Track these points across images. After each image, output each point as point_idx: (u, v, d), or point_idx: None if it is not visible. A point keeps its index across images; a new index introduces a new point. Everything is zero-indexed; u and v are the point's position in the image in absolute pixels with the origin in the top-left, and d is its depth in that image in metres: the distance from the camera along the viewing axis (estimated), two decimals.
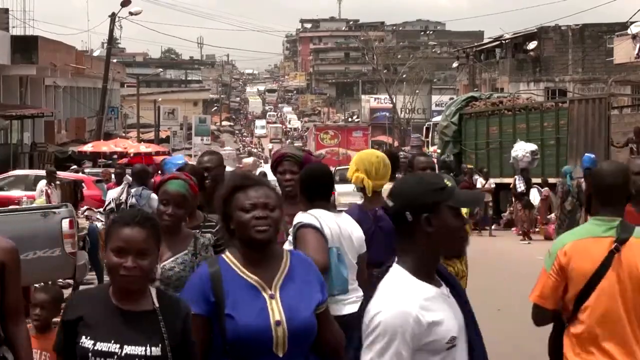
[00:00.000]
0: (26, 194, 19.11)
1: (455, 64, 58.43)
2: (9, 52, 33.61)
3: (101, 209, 14.07)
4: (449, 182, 2.94)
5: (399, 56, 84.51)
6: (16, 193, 20.62)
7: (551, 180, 21.94)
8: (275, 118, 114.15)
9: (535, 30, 44.60)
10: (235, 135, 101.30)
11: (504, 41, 47.63)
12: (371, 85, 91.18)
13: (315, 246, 4.57)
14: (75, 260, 10.70)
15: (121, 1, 37.96)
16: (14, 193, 20.91)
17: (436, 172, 6.67)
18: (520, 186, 21.35)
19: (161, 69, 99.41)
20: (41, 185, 17.31)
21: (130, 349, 3.16)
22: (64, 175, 20.24)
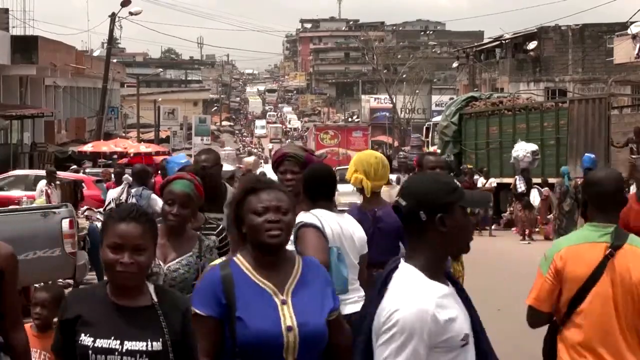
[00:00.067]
0: (26, 194, 19.09)
1: (455, 64, 58.41)
2: (9, 52, 33.60)
3: (101, 209, 14.08)
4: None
5: (399, 56, 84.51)
6: (16, 193, 20.59)
7: (551, 180, 21.93)
8: (275, 118, 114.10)
9: (535, 30, 44.58)
10: (235, 135, 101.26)
11: (504, 41, 47.62)
12: (371, 85, 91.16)
13: (315, 245, 4.58)
14: (75, 260, 10.72)
15: (121, 1, 37.95)
16: (14, 193, 20.88)
17: (446, 172, 6.66)
18: (521, 186, 21.32)
19: (161, 69, 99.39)
20: (41, 185, 17.30)
21: (131, 345, 3.14)
22: (64, 175, 20.24)
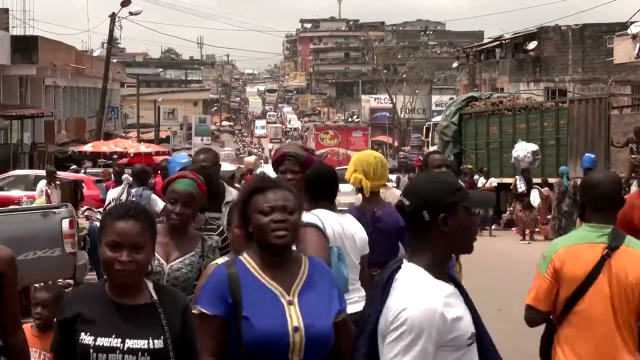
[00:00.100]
0: (26, 194, 19.06)
1: (455, 64, 58.38)
2: (9, 52, 33.59)
3: (101, 209, 14.08)
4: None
5: (399, 56, 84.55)
6: (16, 193, 20.57)
7: (551, 180, 21.92)
8: (275, 118, 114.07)
9: (535, 30, 44.56)
10: (235, 135, 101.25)
11: (504, 41, 47.60)
12: (371, 85, 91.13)
13: (315, 245, 4.57)
14: (75, 260, 10.71)
15: (121, 1, 37.93)
16: (14, 193, 20.86)
17: (451, 171, 6.67)
18: (521, 186, 21.28)
19: (161, 69, 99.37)
20: (41, 185, 17.29)
21: (133, 343, 3.12)
22: (64, 175, 20.24)
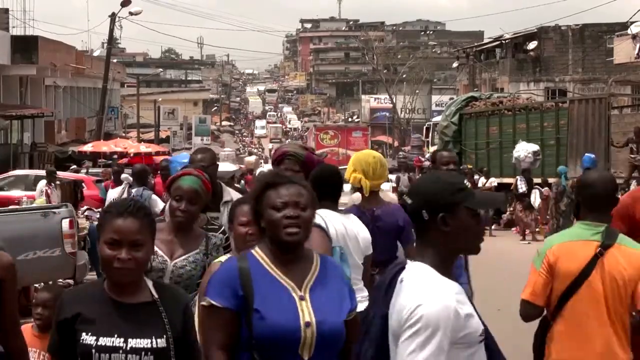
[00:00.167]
0: (26, 194, 19.03)
1: (455, 64, 58.37)
2: (9, 52, 33.57)
3: (101, 209, 14.07)
4: (467, 184, 2.96)
5: (399, 56, 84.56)
6: (16, 193, 20.55)
7: (551, 180, 21.91)
8: (275, 118, 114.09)
9: (535, 30, 44.54)
10: (235, 135, 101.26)
11: (504, 41, 47.58)
12: (371, 85, 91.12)
13: (318, 245, 4.57)
14: (75, 260, 10.71)
15: (121, 1, 37.93)
16: (14, 193, 20.84)
17: (458, 169, 6.67)
18: (522, 187, 21.27)
19: (161, 69, 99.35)
20: (41, 185, 17.28)
21: (136, 342, 3.08)
22: (64, 175, 20.23)
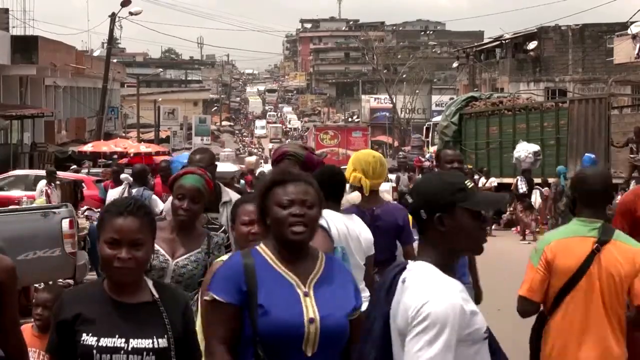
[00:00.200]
0: (26, 194, 19.03)
1: (455, 64, 58.37)
2: (9, 52, 33.57)
3: (100, 209, 14.08)
4: (469, 184, 2.93)
5: (399, 56, 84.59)
6: (16, 193, 20.54)
7: (551, 180, 21.94)
8: (275, 118, 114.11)
9: (535, 30, 44.54)
10: (235, 135, 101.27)
11: (504, 41, 47.58)
12: (371, 85, 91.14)
13: (319, 244, 4.57)
14: (75, 260, 10.71)
15: (121, 1, 37.91)
16: (14, 193, 20.83)
17: (461, 168, 6.67)
18: (522, 187, 21.26)
19: (161, 69, 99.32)
20: (41, 185, 17.28)
21: (137, 343, 3.06)
22: (64, 175, 20.23)
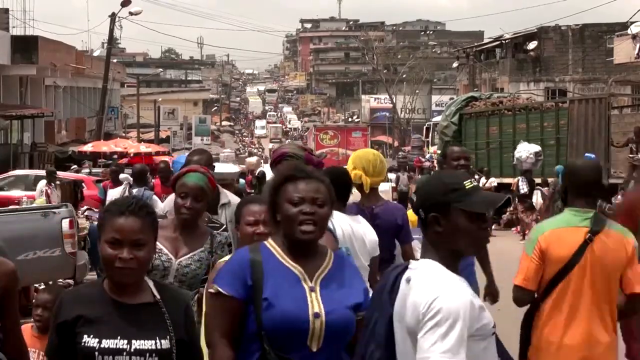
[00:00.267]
0: (26, 194, 19.04)
1: (455, 64, 58.36)
2: (9, 52, 33.56)
3: (100, 209, 14.07)
4: (469, 184, 2.93)
5: (399, 56, 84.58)
6: (16, 193, 20.54)
7: (551, 180, 21.91)
8: (275, 118, 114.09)
9: (535, 30, 44.53)
10: (235, 136, 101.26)
11: (504, 41, 47.57)
12: (371, 85, 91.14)
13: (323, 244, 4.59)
14: (75, 260, 10.71)
15: (121, 1, 37.92)
16: (14, 193, 20.83)
17: (468, 167, 6.64)
18: (523, 187, 21.24)
19: (161, 69, 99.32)
20: (41, 185, 17.28)
21: (140, 344, 3.03)
22: (64, 175, 20.24)
